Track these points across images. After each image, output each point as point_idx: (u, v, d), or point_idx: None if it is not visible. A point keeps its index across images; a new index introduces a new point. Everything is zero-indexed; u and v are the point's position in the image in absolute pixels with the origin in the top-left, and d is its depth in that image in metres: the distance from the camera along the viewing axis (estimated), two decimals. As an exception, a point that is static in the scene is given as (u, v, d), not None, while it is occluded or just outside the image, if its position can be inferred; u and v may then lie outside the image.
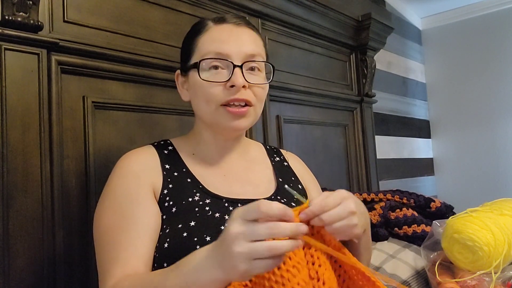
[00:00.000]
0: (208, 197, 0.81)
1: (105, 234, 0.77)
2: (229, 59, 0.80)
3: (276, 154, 1.01)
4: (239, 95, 0.81)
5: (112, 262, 0.73)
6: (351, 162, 1.95)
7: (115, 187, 0.81)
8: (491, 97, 2.92)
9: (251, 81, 0.82)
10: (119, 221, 0.76)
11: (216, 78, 0.81)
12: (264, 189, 0.89)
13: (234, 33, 0.83)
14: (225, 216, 0.78)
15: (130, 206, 0.77)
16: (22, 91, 0.90)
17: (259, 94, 0.85)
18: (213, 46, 0.81)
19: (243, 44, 0.82)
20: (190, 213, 0.78)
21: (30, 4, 0.90)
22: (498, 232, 1.15)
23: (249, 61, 0.82)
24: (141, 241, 0.75)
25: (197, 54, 0.83)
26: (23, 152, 0.89)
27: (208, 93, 0.81)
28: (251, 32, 0.86)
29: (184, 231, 0.75)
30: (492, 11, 2.92)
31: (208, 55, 0.81)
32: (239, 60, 0.81)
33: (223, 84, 0.80)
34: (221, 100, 0.81)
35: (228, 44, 0.81)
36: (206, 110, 0.83)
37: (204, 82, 0.81)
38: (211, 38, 0.83)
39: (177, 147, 0.89)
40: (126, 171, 0.82)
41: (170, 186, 0.82)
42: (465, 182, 2.99)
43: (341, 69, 1.99)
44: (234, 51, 0.81)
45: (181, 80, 0.90)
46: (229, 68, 0.81)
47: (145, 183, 0.81)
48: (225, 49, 0.81)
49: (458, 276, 1.18)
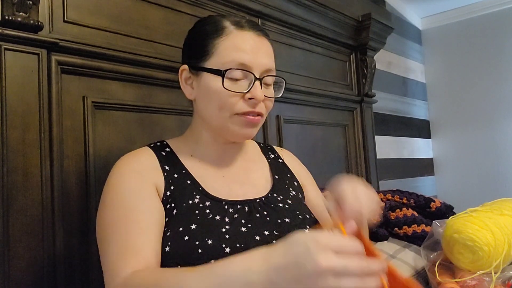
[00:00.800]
0: (208, 199, 0.81)
1: (112, 226, 0.75)
2: (251, 71, 0.81)
3: (271, 151, 1.01)
4: (257, 108, 0.82)
5: (124, 251, 0.71)
6: (351, 162, 1.95)
7: (117, 185, 0.79)
8: (491, 97, 2.92)
9: (267, 95, 0.84)
10: (126, 213, 0.75)
11: (236, 88, 0.80)
12: (262, 188, 0.89)
13: (256, 44, 0.83)
14: (225, 218, 0.78)
15: (135, 200, 0.76)
16: (22, 91, 0.90)
17: (269, 106, 0.87)
18: (238, 56, 0.80)
19: (263, 57, 0.83)
20: (191, 216, 0.77)
21: (30, 4, 0.90)
22: (498, 232, 1.15)
23: (267, 76, 0.83)
24: (151, 233, 0.74)
25: (217, 58, 0.82)
26: (23, 152, 0.89)
27: (224, 101, 0.81)
28: (269, 44, 0.87)
29: (185, 235, 0.75)
30: (492, 11, 2.92)
31: (231, 64, 0.80)
32: (259, 73, 0.82)
33: (242, 94, 0.81)
34: (237, 111, 0.81)
35: (251, 55, 0.81)
36: (217, 116, 0.83)
37: (223, 90, 0.80)
38: (235, 46, 0.81)
39: (174, 148, 0.88)
40: (127, 170, 0.81)
41: (171, 188, 0.81)
42: (465, 182, 2.99)
43: (341, 69, 1.99)
44: (255, 64, 0.81)
45: (186, 76, 0.87)
46: (249, 79, 0.81)
47: (148, 181, 0.80)
48: (248, 61, 0.81)
49: (458, 276, 1.18)
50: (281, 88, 0.89)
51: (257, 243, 0.76)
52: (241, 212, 0.80)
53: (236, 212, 0.80)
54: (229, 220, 0.78)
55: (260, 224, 0.79)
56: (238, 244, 0.74)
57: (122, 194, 0.77)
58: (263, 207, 0.83)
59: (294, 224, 0.82)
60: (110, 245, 0.73)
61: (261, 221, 0.80)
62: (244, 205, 0.82)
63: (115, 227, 0.74)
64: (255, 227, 0.78)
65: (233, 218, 0.79)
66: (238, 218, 0.79)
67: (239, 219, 0.79)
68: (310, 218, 0.86)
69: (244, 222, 0.79)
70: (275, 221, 0.81)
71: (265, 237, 0.77)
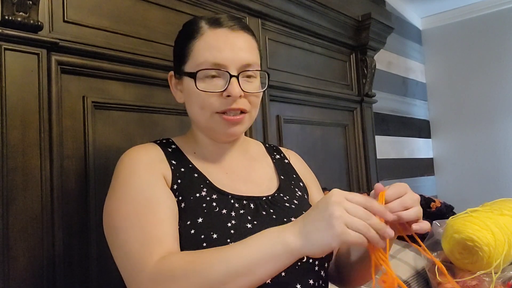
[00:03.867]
0: (215, 192, 0.81)
1: (128, 219, 0.73)
2: (225, 69, 0.80)
3: (276, 152, 1.01)
4: (235, 105, 0.81)
5: (147, 242, 0.70)
6: (351, 162, 1.95)
7: (128, 177, 0.78)
8: (491, 97, 2.92)
9: (247, 90, 0.82)
10: (141, 205, 0.74)
11: (212, 87, 0.80)
12: (265, 187, 0.89)
13: (230, 40, 0.82)
14: (232, 212, 0.78)
15: (149, 192, 0.76)
16: (22, 91, 0.90)
17: (254, 101, 0.85)
18: (210, 55, 0.80)
19: (239, 52, 0.82)
20: (198, 209, 0.78)
21: (30, 4, 0.90)
22: (498, 232, 1.15)
23: (245, 71, 0.82)
24: (170, 222, 0.74)
25: (192, 60, 0.82)
26: (23, 152, 0.89)
27: (203, 102, 0.81)
28: (246, 37, 0.85)
29: (191, 229, 0.75)
30: (492, 11, 2.92)
31: (204, 65, 0.80)
32: (235, 69, 0.81)
33: (219, 93, 0.80)
34: (217, 109, 0.81)
35: (225, 52, 0.80)
36: (201, 116, 0.83)
37: (200, 92, 0.80)
38: (207, 45, 0.81)
39: (179, 145, 0.89)
40: (137, 161, 0.80)
41: (179, 181, 0.81)
42: (465, 182, 2.99)
43: (341, 69, 1.99)
44: (231, 60, 0.80)
45: (175, 81, 0.89)
46: (225, 77, 0.80)
47: (157, 172, 0.80)
48: (221, 59, 0.80)
49: (458, 276, 1.18)
50: (264, 81, 0.88)
51: None
52: (247, 208, 0.81)
53: (242, 208, 0.80)
54: (235, 214, 0.78)
55: (266, 222, 0.79)
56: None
57: (135, 186, 0.77)
58: (269, 206, 0.84)
59: None
60: (129, 238, 0.72)
61: (267, 219, 0.80)
62: (250, 201, 0.83)
63: (131, 221, 0.73)
64: (260, 224, 0.78)
65: (240, 214, 0.79)
66: (244, 214, 0.79)
67: (245, 215, 0.79)
68: None
69: (250, 218, 0.79)
70: (281, 220, 0.81)
71: None
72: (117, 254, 0.74)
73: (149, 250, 0.69)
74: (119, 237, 0.73)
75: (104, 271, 1.00)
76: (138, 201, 0.75)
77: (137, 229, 0.72)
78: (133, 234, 0.72)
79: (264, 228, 0.77)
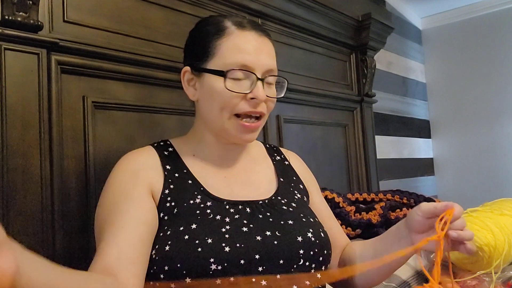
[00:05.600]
0: (209, 199, 0.81)
1: (97, 228, 0.79)
2: (253, 72, 0.81)
3: (277, 153, 1.01)
4: (259, 108, 0.83)
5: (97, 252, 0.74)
6: (351, 162, 1.95)
7: (112, 185, 0.82)
8: (491, 97, 2.92)
9: (269, 95, 0.84)
10: (107, 215, 0.78)
11: (238, 88, 0.81)
12: (264, 190, 0.89)
13: (258, 44, 0.83)
14: (226, 218, 0.78)
15: (123, 201, 0.78)
16: (22, 91, 0.90)
17: (271, 107, 0.87)
18: (240, 57, 0.81)
19: (265, 57, 0.83)
20: (192, 216, 0.78)
21: (30, 4, 0.90)
22: (498, 232, 1.15)
23: (269, 76, 0.84)
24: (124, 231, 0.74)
25: (219, 59, 0.82)
26: (23, 152, 0.89)
27: (226, 102, 0.81)
28: (270, 45, 0.87)
29: (185, 234, 0.75)
30: (492, 11, 2.92)
31: (234, 65, 0.80)
32: (261, 73, 0.82)
33: (244, 95, 0.81)
34: (239, 111, 0.82)
35: (253, 56, 0.81)
36: (218, 117, 0.83)
37: (226, 90, 0.80)
38: (236, 47, 0.82)
39: (177, 148, 0.89)
40: (124, 169, 0.83)
41: (171, 186, 0.81)
42: (465, 182, 2.99)
43: (341, 69, 1.99)
44: (258, 64, 0.81)
45: (189, 77, 0.87)
46: (251, 79, 0.81)
47: (143, 181, 0.81)
48: (251, 61, 0.81)
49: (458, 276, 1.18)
50: (283, 88, 0.89)
51: (258, 243, 0.75)
52: (242, 213, 0.80)
53: (238, 213, 0.80)
54: (229, 220, 0.78)
55: (262, 225, 0.79)
56: (238, 244, 0.74)
57: (112, 195, 0.80)
58: (266, 209, 0.83)
59: (297, 227, 0.81)
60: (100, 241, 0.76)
61: (263, 221, 0.80)
62: (246, 206, 0.82)
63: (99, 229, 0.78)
64: (256, 227, 0.78)
65: (234, 218, 0.78)
66: (240, 218, 0.79)
67: (240, 219, 0.79)
68: (314, 222, 0.86)
69: (246, 222, 0.78)
70: (277, 222, 0.81)
71: (267, 237, 0.77)
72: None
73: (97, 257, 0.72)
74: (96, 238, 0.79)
75: (104, 271, 1.00)
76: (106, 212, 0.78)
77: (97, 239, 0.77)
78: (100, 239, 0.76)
79: (259, 231, 0.78)
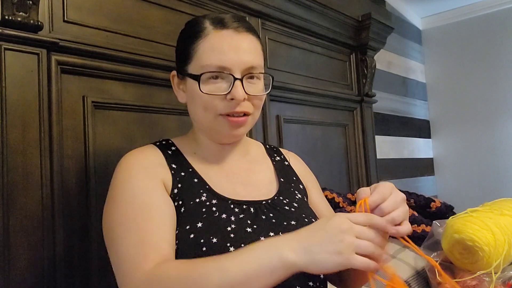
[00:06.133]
0: (215, 197, 0.81)
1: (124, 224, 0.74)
2: (229, 72, 0.79)
3: (277, 153, 1.01)
4: (239, 108, 0.81)
5: (142, 247, 0.70)
6: (351, 162, 1.95)
7: (125, 181, 0.78)
8: (491, 96, 2.92)
9: (251, 93, 0.81)
10: (137, 210, 0.74)
11: (216, 90, 0.80)
12: (265, 190, 0.89)
13: (235, 42, 0.81)
14: (231, 217, 0.78)
15: (145, 197, 0.76)
16: (22, 91, 0.90)
17: (257, 104, 0.85)
18: (214, 58, 0.79)
19: (244, 54, 0.81)
20: (197, 214, 0.77)
21: (30, 4, 0.90)
22: (498, 232, 1.15)
23: (249, 74, 0.82)
24: (166, 228, 0.74)
25: (196, 61, 0.81)
26: (23, 152, 0.89)
27: (207, 104, 0.81)
28: (251, 39, 0.84)
29: (191, 233, 0.74)
30: (492, 11, 2.92)
31: (208, 67, 0.79)
32: (239, 72, 0.80)
33: (223, 96, 0.80)
34: (221, 111, 0.81)
35: (229, 55, 0.80)
36: (204, 118, 0.83)
37: (203, 94, 0.80)
38: (212, 48, 0.80)
39: (179, 146, 0.89)
40: (135, 166, 0.80)
41: (179, 185, 0.81)
42: (465, 182, 2.99)
43: (341, 69, 1.99)
44: (235, 63, 0.80)
45: (177, 81, 0.88)
46: (229, 80, 0.80)
47: (156, 176, 0.79)
48: (226, 62, 0.79)
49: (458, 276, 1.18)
50: (268, 84, 0.87)
51: None
52: (246, 213, 0.80)
53: (242, 212, 0.80)
54: (234, 219, 0.78)
55: (265, 226, 0.79)
56: (243, 244, 0.74)
57: (131, 191, 0.77)
58: (269, 210, 0.83)
59: (300, 227, 0.81)
60: (124, 243, 0.72)
61: (267, 222, 0.80)
62: (250, 206, 0.82)
63: (128, 225, 0.73)
64: (260, 228, 0.78)
65: (239, 218, 0.79)
66: (244, 218, 0.79)
67: (244, 219, 0.79)
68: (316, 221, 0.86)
69: (250, 222, 0.79)
70: (281, 223, 0.81)
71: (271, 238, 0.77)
72: (113, 259, 0.74)
73: (144, 255, 0.69)
74: (115, 241, 0.74)
75: (105, 271, 1.00)
76: (135, 205, 0.75)
77: (133, 234, 0.72)
78: (129, 239, 0.72)
79: (263, 232, 0.78)
